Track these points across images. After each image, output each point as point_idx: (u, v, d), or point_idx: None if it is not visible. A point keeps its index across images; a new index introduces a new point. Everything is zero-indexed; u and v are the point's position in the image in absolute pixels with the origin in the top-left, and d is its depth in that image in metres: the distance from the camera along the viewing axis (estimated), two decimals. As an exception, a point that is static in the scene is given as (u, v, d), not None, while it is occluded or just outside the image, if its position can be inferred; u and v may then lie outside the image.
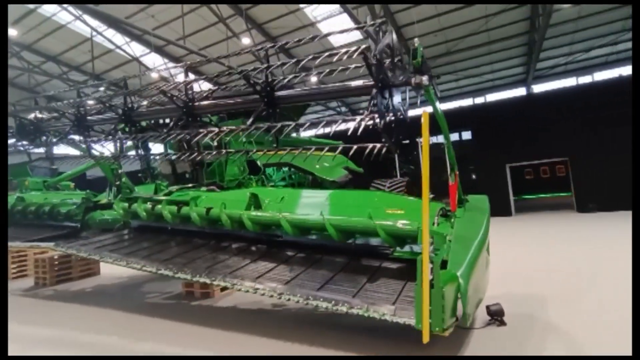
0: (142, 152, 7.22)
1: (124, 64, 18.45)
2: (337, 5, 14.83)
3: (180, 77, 17.10)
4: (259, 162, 7.59)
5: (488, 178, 13.81)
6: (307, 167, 8.56)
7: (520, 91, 21.38)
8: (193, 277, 3.83)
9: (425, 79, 2.60)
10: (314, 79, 14.23)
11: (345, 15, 15.60)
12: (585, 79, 20.29)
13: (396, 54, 2.95)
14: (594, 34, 17.00)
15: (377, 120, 2.70)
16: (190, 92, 4.22)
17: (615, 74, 19.16)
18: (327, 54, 3.06)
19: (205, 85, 5.12)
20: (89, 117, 5.21)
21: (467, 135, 16.48)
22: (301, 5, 14.83)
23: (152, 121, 5.19)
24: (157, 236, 5.19)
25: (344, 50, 2.88)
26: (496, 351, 3.08)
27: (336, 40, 16.94)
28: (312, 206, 4.33)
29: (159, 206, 5.12)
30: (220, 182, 6.97)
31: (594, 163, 12.07)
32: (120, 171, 6.32)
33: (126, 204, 5.50)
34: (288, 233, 4.06)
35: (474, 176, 14.47)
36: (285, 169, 8.91)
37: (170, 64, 17.85)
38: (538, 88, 20.96)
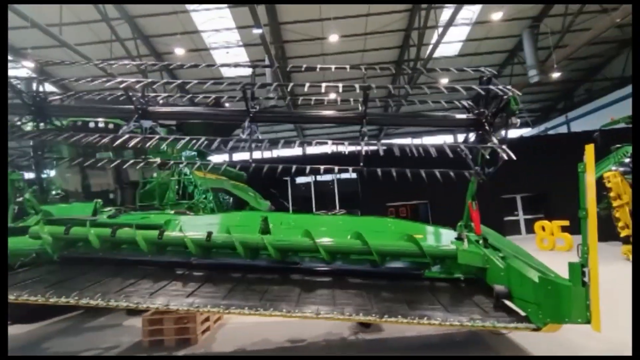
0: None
1: None
2: (238, 38, 14.83)
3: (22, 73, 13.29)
4: (198, 186, 6.67)
5: (373, 213, 15.61)
6: (242, 195, 8.06)
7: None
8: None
9: (519, 121, 3.17)
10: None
11: (242, 49, 15.75)
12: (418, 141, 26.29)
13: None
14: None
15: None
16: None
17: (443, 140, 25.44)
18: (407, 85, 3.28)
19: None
20: None
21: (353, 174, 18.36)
22: (199, 29, 14.15)
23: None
24: (122, 269, 3.87)
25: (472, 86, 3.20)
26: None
27: (224, 71, 16.72)
28: (330, 231, 4.22)
29: (127, 231, 3.92)
30: (160, 205, 5.77)
31: (447, 205, 15.34)
32: (22, 184, 4.52)
33: (60, 228, 3.94)
34: (324, 259, 3.81)
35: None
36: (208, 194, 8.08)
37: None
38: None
